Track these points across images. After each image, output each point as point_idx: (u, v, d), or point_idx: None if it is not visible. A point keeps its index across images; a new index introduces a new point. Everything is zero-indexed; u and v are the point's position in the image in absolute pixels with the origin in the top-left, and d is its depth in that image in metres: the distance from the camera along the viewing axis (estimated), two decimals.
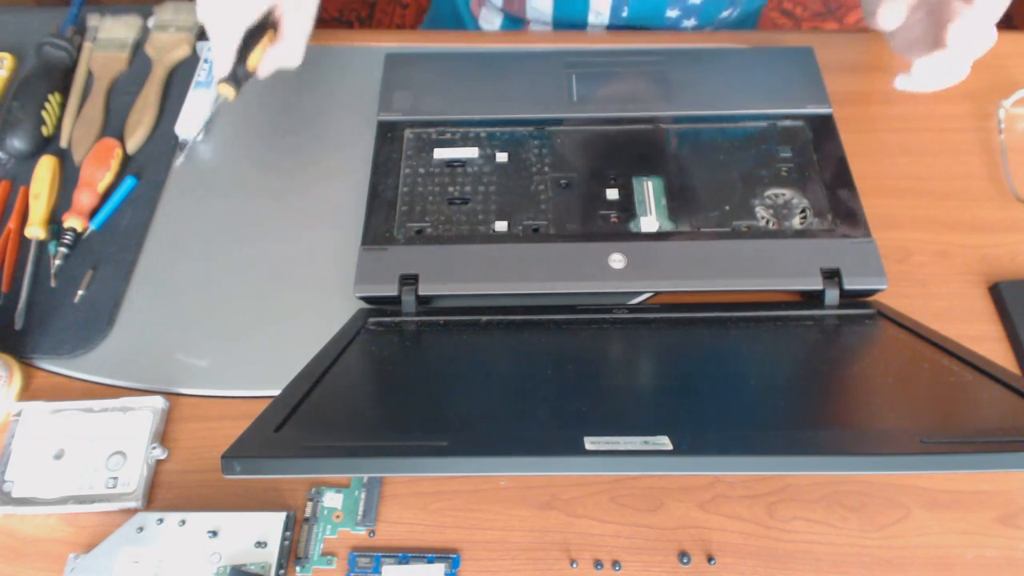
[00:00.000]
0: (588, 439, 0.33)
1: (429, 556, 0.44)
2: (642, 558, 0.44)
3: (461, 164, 0.58)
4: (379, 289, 0.51)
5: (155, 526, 0.44)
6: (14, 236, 0.56)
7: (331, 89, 0.64)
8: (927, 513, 0.45)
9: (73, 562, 0.43)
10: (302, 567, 0.43)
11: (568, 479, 0.46)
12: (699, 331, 0.50)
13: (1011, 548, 0.44)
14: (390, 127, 0.60)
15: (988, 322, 0.52)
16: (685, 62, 0.63)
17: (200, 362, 0.51)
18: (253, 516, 0.44)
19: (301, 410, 0.37)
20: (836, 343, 0.49)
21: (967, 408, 0.39)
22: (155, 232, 0.57)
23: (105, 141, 0.60)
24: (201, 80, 0.63)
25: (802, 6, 1.00)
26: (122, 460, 0.46)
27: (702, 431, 0.36)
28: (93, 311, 0.53)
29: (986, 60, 0.64)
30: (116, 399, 0.48)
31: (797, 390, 0.44)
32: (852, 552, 0.44)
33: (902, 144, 0.60)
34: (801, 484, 0.46)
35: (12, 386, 0.50)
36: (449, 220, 0.55)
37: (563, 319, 0.51)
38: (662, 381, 0.45)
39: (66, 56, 0.64)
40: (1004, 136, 0.60)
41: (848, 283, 0.50)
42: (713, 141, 0.59)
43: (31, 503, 0.45)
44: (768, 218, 0.54)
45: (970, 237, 0.56)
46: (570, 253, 0.52)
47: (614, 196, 0.55)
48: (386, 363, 0.46)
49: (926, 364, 0.43)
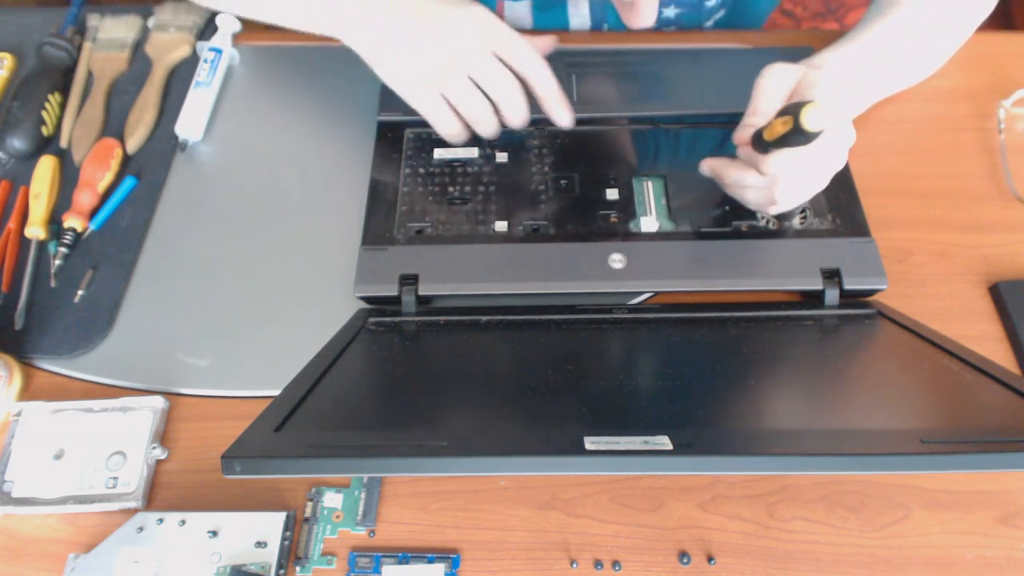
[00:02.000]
0: (588, 439, 0.33)
1: (429, 556, 0.44)
2: (642, 558, 0.44)
3: (461, 164, 0.58)
4: (379, 289, 0.51)
5: (155, 526, 0.44)
6: (14, 236, 0.56)
7: (331, 89, 0.64)
8: (927, 513, 0.45)
9: (73, 562, 0.43)
10: (302, 567, 0.43)
11: (568, 479, 0.46)
12: (699, 331, 0.50)
13: (1011, 548, 0.44)
14: (390, 127, 0.60)
15: (988, 322, 0.52)
16: (685, 62, 0.63)
17: (200, 362, 0.51)
18: (253, 516, 0.44)
19: (301, 410, 0.37)
20: (836, 343, 0.49)
21: (967, 408, 0.39)
22: (155, 232, 0.57)
23: (105, 141, 0.60)
24: (201, 80, 0.63)
25: (802, 6, 1.01)
26: (122, 460, 0.46)
27: (702, 431, 0.36)
28: (93, 311, 0.53)
29: (986, 60, 0.64)
30: (116, 399, 0.48)
31: (797, 390, 0.44)
32: (852, 552, 0.44)
33: (902, 144, 0.60)
34: (801, 484, 0.46)
35: (12, 386, 0.50)
36: (449, 220, 0.54)
37: (563, 319, 0.51)
38: (662, 381, 0.45)
39: (66, 56, 0.64)
40: (1004, 136, 0.60)
41: (848, 283, 0.50)
42: (713, 141, 0.58)
43: (31, 503, 0.45)
44: (768, 218, 0.54)
45: (970, 237, 0.56)
46: (570, 253, 0.52)
47: (614, 196, 0.55)
48: (386, 363, 0.46)
49: (926, 364, 0.43)
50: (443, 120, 0.51)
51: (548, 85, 0.51)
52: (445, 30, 0.49)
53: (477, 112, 0.51)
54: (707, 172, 0.52)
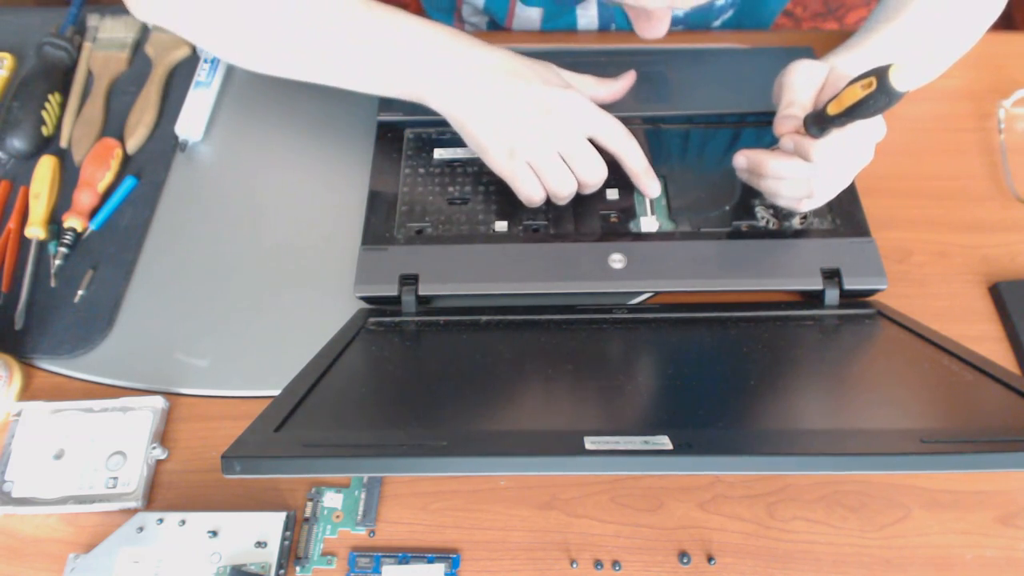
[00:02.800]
0: (588, 439, 0.33)
1: (429, 556, 0.44)
2: (642, 558, 0.44)
3: (461, 164, 0.58)
4: (379, 289, 0.51)
5: (155, 526, 0.44)
6: (14, 236, 0.56)
7: (331, 89, 0.64)
8: (927, 513, 0.45)
9: (73, 562, 0.43)
10: (302, 567, 0.43)
11: (568, 479, 0.46)
12: (699, 331, 0.50)
13: (1011, 548, 0.44)
14: (390, 127, 0.60)
15: (988, 322, 0.52)
16: (685, 62, 0.63)
17: (200, 362, 0.51)
18: (253, 516, 0.44)
19: (301, 410, 0.37)
20: (836, 343, 0.49)
21: (967, 408, 0.39)
22: (155, 232, 0.57)
23: (105, 141, 0.60)
24: (201, 80, 0.63)
25: (802, 6, 1.00)
26: (122, 460, 0.46)
27: (702, 431, 0.36)
28: (93, 311, 0.53)
29: (986, 60, 0.64)
30: (116, 399, 0.48)
31: (797, 390, 0.44)
32: (852, 552, 0.44)
33: (902, 144, 0.60)
34: (801, 484, 0.46)
35: (12, 386, 0.50)
36: (449, 220, 0.54)
37: (563, 319, 0.51)
38: (662, 381, 0.45)
39: (66, 56, 0.64)
40: (1004, 136, 0.60)
41: (848, 283, 0.50)
42: (713, 141, 0.58)
43: (31, 503, 0.45)
44: (768, 218, 0.54)
45: (970, 237, 0.56)
46: (570, 253, 0.52)
47: (614, 196, 0.55)
48: (386, 363, 0.46)
49: (926, 364, 0.43)
50: (531, 188, 0.51)
51: (639, 162, 0.53)
52: (543, 109, 0.50)
53: (566, 188, 0.52)
54: (742, 164, 0.52)
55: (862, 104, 0.41)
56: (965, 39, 0.59)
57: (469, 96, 0.51)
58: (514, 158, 0.50)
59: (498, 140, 0.50)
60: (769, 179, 0.50)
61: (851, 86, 0.42)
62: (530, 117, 0.50)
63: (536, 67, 0.52)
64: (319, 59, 0.54)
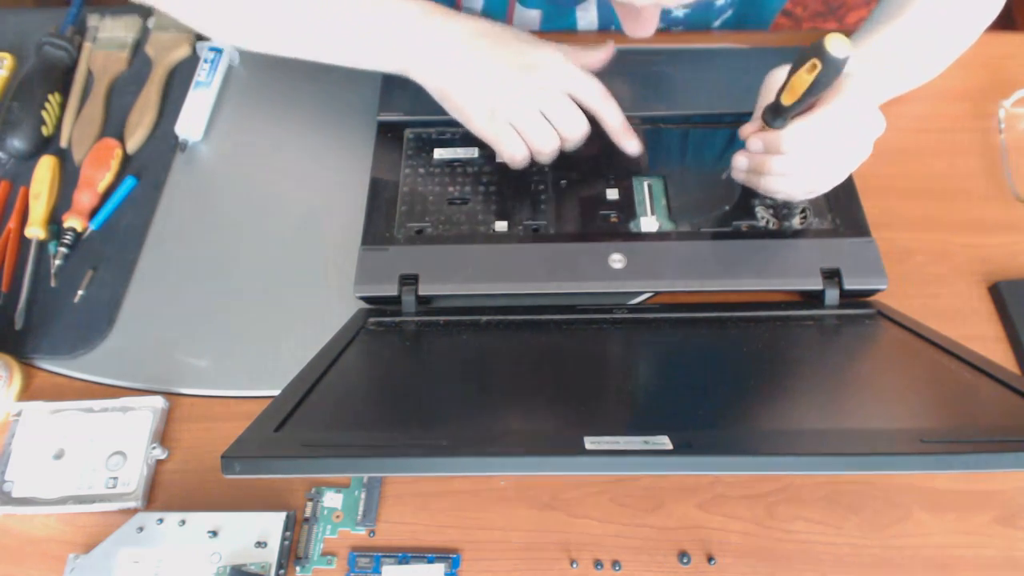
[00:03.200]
0: (588, 439, 0.33)
1: (429, 556, 0.44)
2: (642, 558, 0.44)
3: (461, 164, 0.58)
4: (379, 289, 0.51)
5: (155, 526, 0.44)
6: (14, 236, 0.56)
7: (331, 89, 0.64)
8: (927, 513, 0.45)
9: (73, 562, 0.43)
10: (302, 567, 0.43)
11: (568, 479, 0.46)
12: (699, 331, 0.50)
13: (1011, 548, 0.44)
14: (390, 127, 0.60)
15: (988, 322, 0.52)
16: (685, 62, 0.63)
17: (200, 362, 0.51)
18: (253, 516, 0.44)
19: (301, 410, 0.37)
20: (836, 343, 0.49)
21: (967, 408, 0.39)
22: (155, 232, 0.57)
23: (105, 141, 0.60)
24: (201, 80, 0.63)
25: (802, 6, 1.00)
26: (122, 460, 0.46)
27: (702, 431, 0.36)
28: (93, 311, 0.53)
29: (986, 60, 0.64)
30: (116, 399, 0.48)
31: (797, 390, 0.44)
32: (852, 552, 0.44)
33: (902, 144, 0.60)
34: (801, 484, 0.46)
35: (12, 386, 0.50)
36: (449, 220, 0.54)
37: (563, 319, 0.51)
38: (662, 381, 0.45)
39: (66, 56, 0.64)
40: (1004, 136, 0.60)
41: (848, 283, 0.50)
42: (713, 141, 0.58)
43: (31, 503, 0.45)
44: (768, 218, 0.54)
45: (970, 237, 0.56)
46: (570, 253, 0.52)
47: (614, 196, 0.55)
48: (386, 363, 0.46)
49: (926, 364, 0.43)
50: (514, 147, 0.52)
51: (617, 119, 0.54)
52: (522, 67, 0.51)
53: (548, 145, 0.52)
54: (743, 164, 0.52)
55: (811, 88, 0.43)
56: (964, 38, 0.59)
57: (448, 66, 0.52)
58: (495, 119, 0.51)
59: (479, 104, 0.52)
60: (756, 178, 0.50)
61: (797, 74, 0.43)
62: (510, 75, 0.51)
63: (514, 29, 0.53)
64: (302, 36, 0.55)
